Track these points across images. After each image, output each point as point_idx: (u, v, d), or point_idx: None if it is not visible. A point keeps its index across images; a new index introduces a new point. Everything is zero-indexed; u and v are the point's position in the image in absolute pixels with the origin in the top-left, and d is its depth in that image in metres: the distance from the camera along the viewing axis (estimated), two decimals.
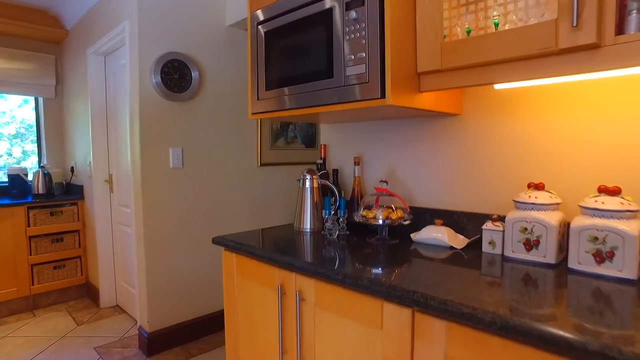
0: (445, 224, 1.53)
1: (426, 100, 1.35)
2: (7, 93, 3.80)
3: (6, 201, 3.35)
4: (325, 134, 2.06)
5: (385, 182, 1.53)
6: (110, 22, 2.88)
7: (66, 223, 3.53)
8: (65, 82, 3.99)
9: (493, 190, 1.46)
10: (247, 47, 1.66)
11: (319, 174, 1.77)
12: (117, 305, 3.46)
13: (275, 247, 1.47)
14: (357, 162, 1.77)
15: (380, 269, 1.17)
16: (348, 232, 1.65)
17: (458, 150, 1.55)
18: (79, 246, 3.62)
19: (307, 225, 1.72)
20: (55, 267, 3.50)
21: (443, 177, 1.60)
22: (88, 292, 3.70)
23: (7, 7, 3.52)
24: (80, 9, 3.37)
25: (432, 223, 1.57)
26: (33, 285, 3.41)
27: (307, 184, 1.73)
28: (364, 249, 1.42)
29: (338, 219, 1.64)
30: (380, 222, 1.45)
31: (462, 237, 1.45)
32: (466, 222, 1.50)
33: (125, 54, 2.59)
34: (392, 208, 1.49)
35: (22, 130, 4.08)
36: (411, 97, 1.28)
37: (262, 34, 1.62)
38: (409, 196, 1.70)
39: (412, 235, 1.50)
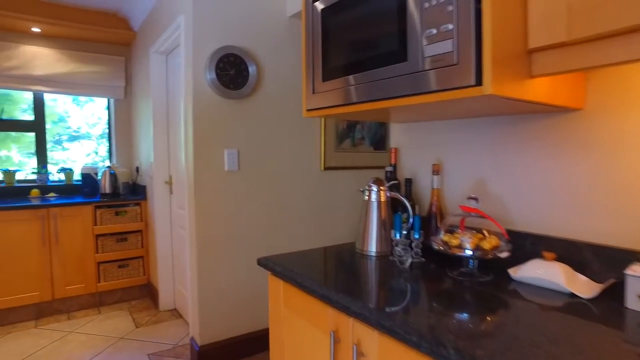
0: (558, 259, 1.14)
1: (539, 88, 0.98)
2: (81, 95, 3.92)
3: (79, 199, 3.42)
4: (397, 135, 1.72)
5: (475, 199, 1.17)
6: (168, 18, 2.78)
7: (130, 223, 3.54)
8: (133, 82, 4.03)
9: (634, 216, 1.04)
10: (302, 28, 1.35)
11: (388, 184, 1.45)
12: (175, 309, 3.39)
13: (329, 279, 1.17)
14: (436, 171, 1.41)
15: (470, 324, 0.83)
16: (423, 259, 1.31)
17: (579, 158, 1.14)
18: (142, 246, 3.61)
19: (372, 247, 1.40)
20: (119, 266, 3.52)
21: (556, 194, 1.19)
22: (149, 293, 3.68)
23: (80, 12, 3.60)
24: (145, 8, 3.34)
25: (537, 255, 1.18)
26: (99, 282, 3.45)
27: (373, 196, 1.42)
28: (446, 287, 1.07)
29: (411, 242, 1.31)
30: (468, 252, 1.09)
31: (584, 278, 1.05)
32: (591, 258, 1.09)
33: (182, 52, 2.47)
34: (483, 234, 1.12)
35: (107, 131, 4.22)
36: (518, 85, 0.92)
37: (319, 11, 1.33)
38: (506, 217, 1.31)
39: (510, 271, 1.12)
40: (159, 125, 3.22)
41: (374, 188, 1.42)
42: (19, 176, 3.76)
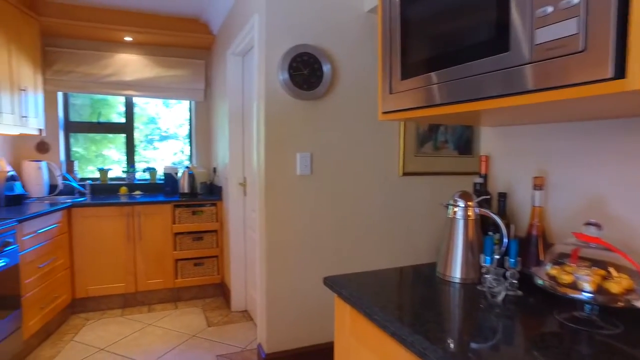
0: None
1: None
2: (165, 98, 4.12)
3: (160, 198, 3.57)
4: (488, 141, 1.48)
5: (597, 225, 0.91)
6: (243, 19, 2.76)
7: (206, 223, 3.62)
8: (212, 85, 4.13)
9: None
10: (377, 21, 1.18)
11: (477, 199, 1.23)
12: (246, 310, 3.39)
13: (404, 311, 0.99)
14: (538, 185, 1.16)
15: None
16: (521, 293, 1.08)
17: None
18: (217, 246, 3.68)
19: (457, 272, 1.19)
20: (195, 264, 3.62)
21: None
22: (222, 292, 3.74)
23: (165, 19, 3.77)
24: (223, 11, 3.38)
25: None
26: (176, 279, 3.57)
27: (459, 213, 1.21)
28: (553, 334, 0.84)
29: (505, 271, 1.08)
30: (587, 295, 0.85)
31: None
32: None
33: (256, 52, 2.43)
34: (607, 270, 0.87)
35: (189, 132, 4.41)
36: None
37: (397, 0, 1.15)
38: (638, 248, 1.03)
39: None
40: (234, 127, 3.24)
41: (461, 203, 1.21)
42: (111, 174, 4.04)
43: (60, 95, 3.85)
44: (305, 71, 2.30)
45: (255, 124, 2.50)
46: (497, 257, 1.10)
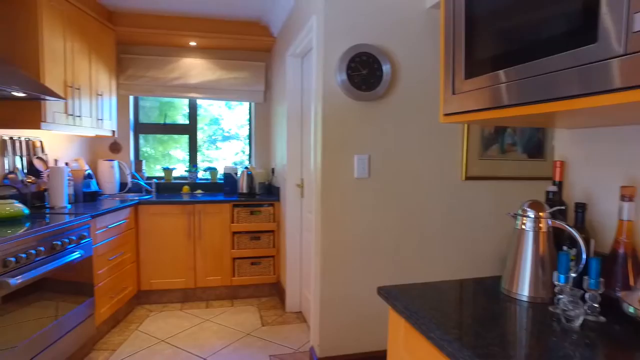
0: None
1: None
2: (226, 100, 4.24)
3: (220, 197, 3.68)
4: (564, 144, 1.34)
5: None
6: (302, 20, 2.75)
7: (263, 223, 3.67)
8: (271, 87, 4.19)
9: None
10: (440, 17, 1.10)
11: (550, 209, 1.10)
12: (301, 312, 3.39)
13: (464, 330, 0.91)
14: (627, 196, 1.02)
15: None
16: (603, 319, 0.95)
17: None
18: (273, 246, 3.72)
19: (524, 289, 1.08)
20: (252, 263, 3.68)
21: None
22: (278, 292, 3.77)
23: (227, 23, 3.88)
24: (283, 13, 3.41)
25: None
26: (234, 277, 3.66)
27: (529, 224, 1.09)
28: None
29: (584, 293, 0.96)
30: None
31: None
32: None
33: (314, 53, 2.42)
34: None
35: (249, 133, 4.52)
36: None
37: None
38: None
39: None
40: (292, 128, 3.26)
41: (531, 214, 1.10)
42: (175, 174, 4.23)
43: (131, 98, 4.09)
44: (364, 71, 2.24)
45: (312, 125, 2.48)
46: (573, 275, 0.98)
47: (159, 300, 3.57)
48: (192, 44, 3.96)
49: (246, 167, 3.88)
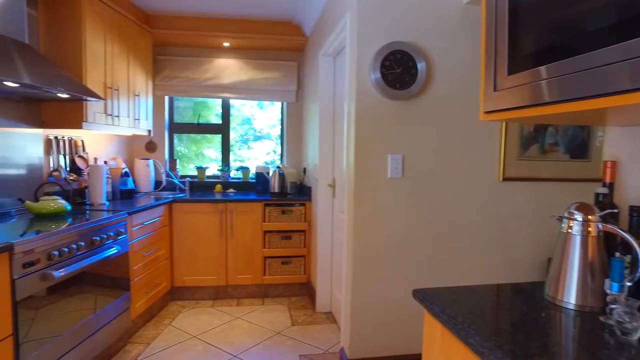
0: None
1: None
2: (258, 100, 4.28)
3: (251, 197, 3.71)
4: (616, 143, 1.27)
5: None
6: (335, 19, 2.74)
7: (294, 222, 3.67)
8: (303, 86, 4.20)
9: None
10: (481, 11, 1.06)
11: (601, 213, 1.04)
12: (331, 312, 3.38)
13: (504, 337, 0.87)
14: None
15: None
16: None
17: None
18: (304, 246, 3.72)
19: (571, 297, 1.02)
20: (282, 263, 3.69)
21: None
22: (308, 292, 3.77)
23: (260, 24, 3.91)
24: (315, 13, 3.40)
25: None
26: (264, 275, 3.68)
27: (576, 228, 1.04)
28: None
29: None
30: None
31: None
32: None
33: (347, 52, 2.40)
34: None
35: (280, 133, 4.55)
36: None
37: None
38: None
39: None
40: (324, 128, 3.25)
41: (578, 217, 1.04)
42: (208, 172, 4.30)
43: (166, 98, 4.19)
44: (399, 70, 2.20)
45: (345, 124, 2.46)
46: (628, 284, 0.92)
47: (191, 296, 3.64)
48: (226, 44, 4.02)
49: (278, 167, 3.90)
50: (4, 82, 2.04)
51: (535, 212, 2.45)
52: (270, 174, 3.94)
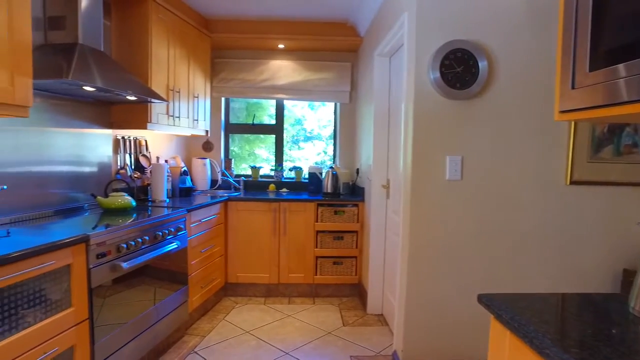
0: None
1: None
2: (312, 100, 4.31)
3: (304, 196, 3.75)
4: None
5: None
6: (392, 18, 2.70)
7: (347, 223, 3.67)
8: (357, 87, 4.18)
9: None
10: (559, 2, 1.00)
11: None
12: (382, 314, 3.34)
13: (586, 351, 0.81)
14: None
15: None
16: None
17: None
18: (356, 247, 3.70)
19: None
20: (334, 263, 3.70)
21: None
22: (359, 293, 3.75)
23: (315, 25, 3.94)
24: (371, 13, 3.38)
25: None
26: (316, 275, 3.70)
27: None
28: None
29: None
30: None
31: None
32: None
33: (405, 52, 2.36)
34: None
35: (333, 133, 4.56)
36: None
37: None
38: None
39: None
40: (379, 128, 3.22)
41: None
42: (262, 172, 4.40)
43: (222, 100, 4.33)
44: (459, 69, 2.14)
45: (402, 125, 2.43)
46: None
47: (244, 293, 3.73)
48: (281, 46, 4.09)
49: (331, 167, 3.91)
50: (84, 87, 2.20)
51: (606, 218, 2.28)
52: (323, 174, 3.97)
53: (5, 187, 2.03)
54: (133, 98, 2.63)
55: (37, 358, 1.62)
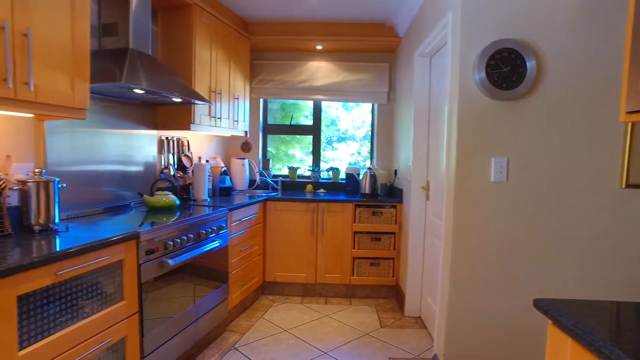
0: None
1: None
2: (349, 101, 4.32)
3: (341, 197, 3.76)
4: None
5: None
6: (434, 19, 2.67)
7: (384, 224, 3.65)
8: (396, 88, 4.15)
9: None
10: None
11: None
12: (420, 317, 3.30)
13: None
14: None
15: None
16: None
17: None
18: (393, 248, 3.68)
19: None
20: (371, 264, 3.69)
21: None
22: (396, 295, 3.72)
23: (353, 26, 3.93)
24: (410, 13, 3.35)
25: None
26: (353, 276, 3.70)
27: None
28: None
29: None
30: None
31: None
32: None
33: (448, 52, 2.32)
34: None
35: (370, 134, 4.55)
36: None
37: None
38: None
39: None
40: (419, 129, 3.18)
41: None
42: (299, 172, 4.44)
43: (261, 101, 4.40)
44: (506, 69, 2.09)
45: (445, 126, 2.39)
46: None
47: (281, 292, 3.78)
48: (319, 47, 4.11)
49: (369, 168, 3.90)
50: (134, 90, 2.29)
51: None
52: (361, 175, 3.96)
53: (65, 185, 2.14)
54: (179, 100, 2.71)
55: (94, 347, 1.71)
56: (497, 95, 2.13)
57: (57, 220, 1.96)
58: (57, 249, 1.55)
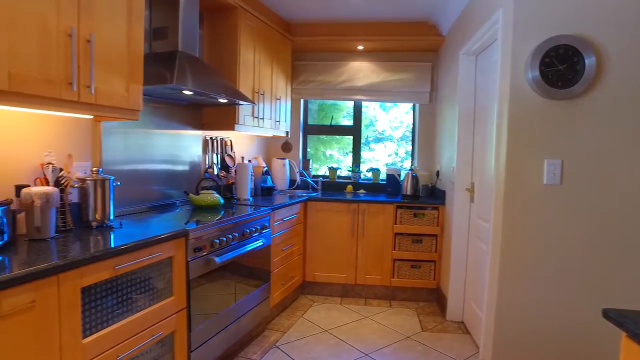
0: None
1: None
2: (389, 102, 4.27)
3: (382, 198, 3.73)
4: None
5: None
6: (482, 16, 2.58)
7: (426, 226, 3.58)
8: (438, 88, 4.07)
9: None
10: None
11: None
12: (463, 322, 3.22)
13: None
14: None
15: None
16: None
17: None
18: (435, 251, 3.61)
19: None
20: (412, 266, 3.63)
21: None
22: (437, 299, 3.64)
23: (395, 26, 3.86)
24: (455, 11, 3.27)
25: None
26: (393, 278, 3.66)
27: None
28: None
29: None
30: None
31: None
32: None
33: (497, 50, 2.23)
34: None
35: (407, 134, 4.50)
36: None
37: None
38: None
39: None
40: (463, 130, 3.10)
41: None
42: (339, 173, 4.44)
43: (302, 101, 4.43)
44: (562, 67, 1.99)
45: (494, 127, 2.31)
46: None
47: (320, 292, 3.79)
48: (360, 47, 4.09)
49: (411, 169, 3.85)
50: (183, 91, 2.36)
51: None
52: (402, 176, 3.91)
53: (119, 183, 2.24)
54: (224, 101, 2.77)
55: (146, 340, 1.77)
56: (551, 94, 2.04)
57: (112, 217, 2.05)
58: (114, 245, 1.62)
